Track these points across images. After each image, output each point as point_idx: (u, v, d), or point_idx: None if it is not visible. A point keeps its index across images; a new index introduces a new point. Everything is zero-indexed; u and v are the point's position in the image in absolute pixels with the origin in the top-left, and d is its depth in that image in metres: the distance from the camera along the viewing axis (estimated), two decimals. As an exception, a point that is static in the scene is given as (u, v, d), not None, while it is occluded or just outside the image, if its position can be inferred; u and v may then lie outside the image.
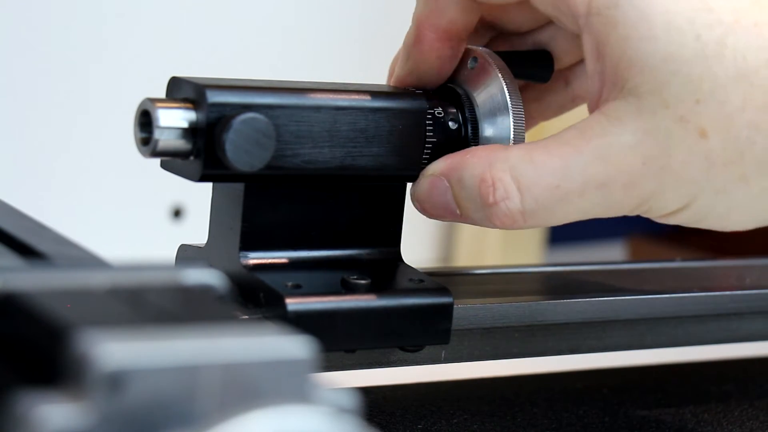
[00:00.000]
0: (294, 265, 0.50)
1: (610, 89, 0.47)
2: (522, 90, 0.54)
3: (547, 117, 0.57)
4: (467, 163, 0.49)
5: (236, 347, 0.29)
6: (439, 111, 0.51)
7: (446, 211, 0.50)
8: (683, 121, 0.46)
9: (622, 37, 0.47)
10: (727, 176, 0.47)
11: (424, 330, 0.49)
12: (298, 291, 0.47)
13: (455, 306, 0.50)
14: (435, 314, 0.50)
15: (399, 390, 0.57)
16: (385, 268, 0.51)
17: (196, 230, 0.54)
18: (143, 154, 0.47)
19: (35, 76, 1.28)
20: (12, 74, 1.27)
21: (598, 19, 0.47)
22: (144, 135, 0.46)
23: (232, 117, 0.45)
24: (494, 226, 0.48)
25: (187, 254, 0.52)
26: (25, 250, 0.38)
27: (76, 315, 0.30)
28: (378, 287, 0.49)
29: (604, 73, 0.47)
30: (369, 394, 0.55)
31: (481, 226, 0.50)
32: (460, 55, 0.52)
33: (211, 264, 0.50)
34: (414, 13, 0.52)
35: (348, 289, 0.48)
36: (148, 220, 1.37)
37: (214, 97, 0.46)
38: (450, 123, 0.52)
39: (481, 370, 0.58)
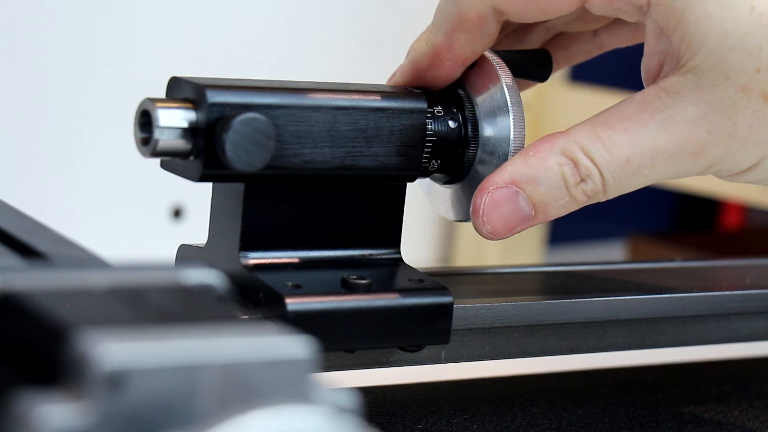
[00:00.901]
0: (294, 265, 0.50)
1: (671, 66, 0.49)
2: (552, 38, 0.56)
3: (572, 63, 0.59)
4: (533, 161, 0.49)
5: (236, 347, 0.29)
6: (439, 110, 0.51)
7: (518, 217, 0.50)
8: (746, 90, 0.48)
9: (681, 21, 0.48)
10: None
11: (424, 330, 0.49)
12: (298, 291, 0.47)
13: (455, 306, 0.50)
14: (435, 314, 0.50)
15: (399, 390, 0.57)
16: (385, 268, 0.51)
17: (196, 230, 0.54)
18: (143, 154, 0.47)
19: (35, 77, 1.28)
20: (12, 75, 1.27)
21: (659, 8, 0.49)
22: (144, 135, 0.46)
23: (232, 117, 0.45)
24: (577, 207, 0.50)
25: (187, 254, 0.52)
26: (25, 250, 0.38)
27: (76, 315, 0.30)
28: (378, 287, 0.49)
29: (666, 52, 0.49)
30: (369, 394, 0.55)
31: (557, 216, 0.50)
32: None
33: (211, 264, 0.50)
34: (432, 42, 0.51)
35: (348, 289, 0.48)
36: (148, 220, 1.37)
37: (214, 97, 0.46)
38: (450, 123, 0.52)
39: (481, 370, 0.58)
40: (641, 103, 0.49)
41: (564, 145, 0.49)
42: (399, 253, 0.52)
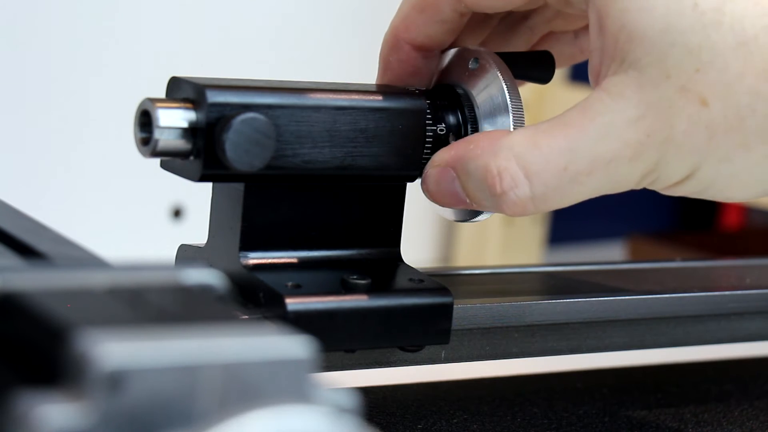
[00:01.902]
0: (294, 265, 0.50)
1: (609, 64, 0.47)
2: (538, 41, 0.56)
3: (558, 66, 0.57)
4: (471, 153, 0.49)
5: (236, 347, 0.29)
6: (439, 111, 0.51)
7: (456, 200, 0.50)
8: (684, 91, 0.46)
9: (621, 9, 0.47)
10: (728, 144, 0.47)
11: (424, 330, 0.49)
12: (298, 291, 0.47)
13: (455, 306, 0.50)
14: (435, 314, 0.50)
15: (399, 390, 0.57)
16: (385, 268, 0.51)
17: (196, 230, 0.54)
18: (143, 154, 0.47)
19: (36, 77, 1.28)
20: (12, 75, 1.27)
21: None
22: (144, 135, 0.46)
23: (232, 117, 0.45)
24: (505, 214, 0.48)
25: (187, 254, 0.52)
26: (25, 250, 0.38)
27: (76, 315, 0.30)
28: (378, 287, 0.49)
29: (603, 49, 0.48)
30: (369, 394, 0.55)
31: (493, 212, 0.50)
32: (437, 62, 0.53)
33: (211, 264, 0.50)
34: (391, 23, 0.52)
35: (348, 289, 0.48)
36: (148, 220, 1.37)
37: (214, 97, 0.46)
38: (450, 123, 0.52)
39: (481, 370, 0.58)
40: (584, 108, 0.47)
41: (500, 150, 0.48)
42: (399, 253, 0.52)
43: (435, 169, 0.50)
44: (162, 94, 0.48)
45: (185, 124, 0.46)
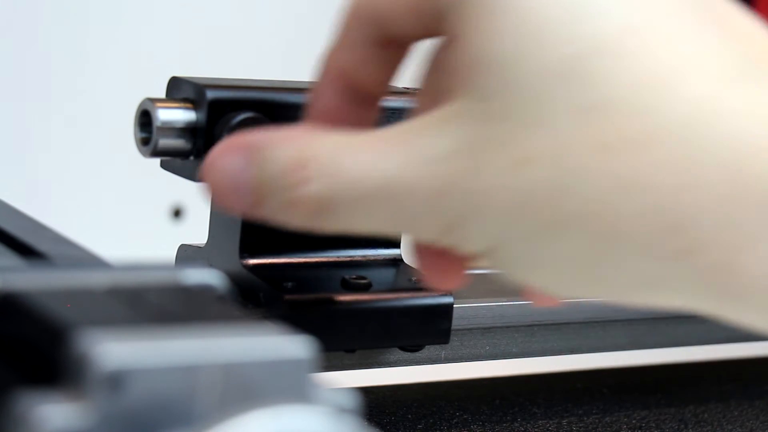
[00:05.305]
0: (294, 265, 0.49)
1: (450, 88, 0.40)
2: None
3: None
4: (280, 139, 0.41)
5: (236, 347, 0.29)
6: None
7: (237, 191, 0.41)
8: (507, 144, 0.38)
9: (476, 29, 0.39)
10: (542, 220, 0.38)
11: (424, 330, 0.49)
12: (298, 291, 0.47)
13: (455, 306, 0.50)
14: (435, 314, 0.49)
15: (399, 390, 0.57)
16: (385, 268, 0.51)
17: (196, 230, 0.54)
18: (143, 154, 0.47)
19: (35, 76, 1.28)
20: (12, 74, 1.27)
21: (463, 8, 0.39)
22: (144, 135, 0.46)
23: (232, 117, 0.45)
24: (286, 218, 0.41)
25: (187, 254, 0.52)
26: (25, 250, 0.38)
27: (76, 315, 0.30)
28: (378, 287, 0.49)
29: (450, 69, 0.40)
30: (369, 394, 0.55)
31: (269, 218, 0.41)
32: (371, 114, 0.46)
33: (211, 264, 0.50)
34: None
35: (348, 289, 0.48)
36: (148, 220, 1.37)
37: (214, 97, 0.46)
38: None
39: (481, 370, 0.58)
40: (406, 127, 0.40)
41: (312, 142, 0.41)
42: (399, 253, 0.52)
43: (226, 151, 0.42)
44: (162, 94, 0.48)
45: (185, 124, 0.46)
